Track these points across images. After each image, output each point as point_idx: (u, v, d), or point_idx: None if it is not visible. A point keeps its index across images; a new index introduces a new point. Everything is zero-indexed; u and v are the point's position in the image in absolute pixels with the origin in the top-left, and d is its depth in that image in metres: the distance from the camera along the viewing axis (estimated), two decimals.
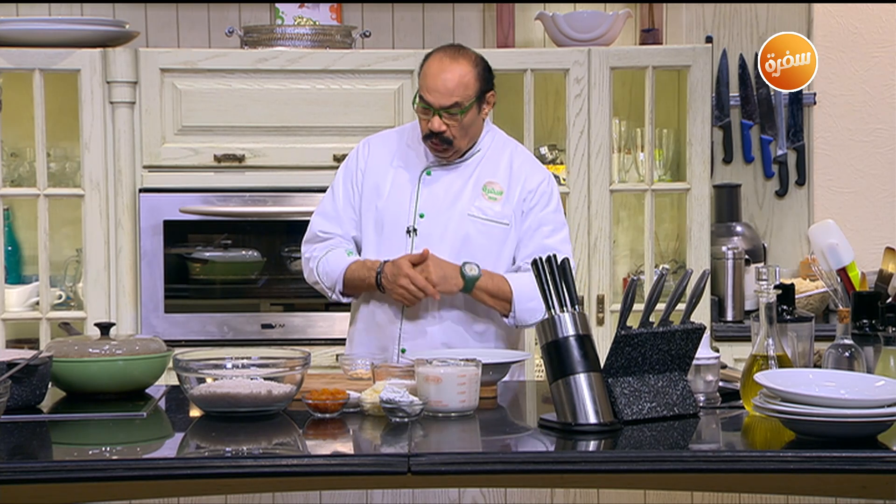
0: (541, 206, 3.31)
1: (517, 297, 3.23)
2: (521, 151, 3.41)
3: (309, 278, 3.39)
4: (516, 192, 3.30)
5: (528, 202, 3.30)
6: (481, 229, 3.27)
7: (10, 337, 4.28)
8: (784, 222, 4.75)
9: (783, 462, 2.39)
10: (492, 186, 3.30)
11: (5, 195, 4.25)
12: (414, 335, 3.27)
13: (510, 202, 3.29)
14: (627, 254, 4.66)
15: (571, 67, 4.31)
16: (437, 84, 3.19)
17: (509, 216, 3.29)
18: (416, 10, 4.65)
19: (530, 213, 3.30)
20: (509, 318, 3.26)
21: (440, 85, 3.18)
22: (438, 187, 3.30)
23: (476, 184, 3.30)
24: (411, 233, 3.28)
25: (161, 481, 2.37)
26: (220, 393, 2.68)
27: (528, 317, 3.24)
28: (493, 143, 3.35)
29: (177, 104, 4.23)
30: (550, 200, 3.33)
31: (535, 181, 3.32)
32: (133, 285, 4.24)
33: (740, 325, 4.42)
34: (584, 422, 2.55)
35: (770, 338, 2.70)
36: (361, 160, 3.37)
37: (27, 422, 2.66)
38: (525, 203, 3.30)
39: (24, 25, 4.22)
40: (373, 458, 2.43)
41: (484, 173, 3.31)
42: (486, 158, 3.32)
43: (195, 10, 4.59)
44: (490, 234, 3.28)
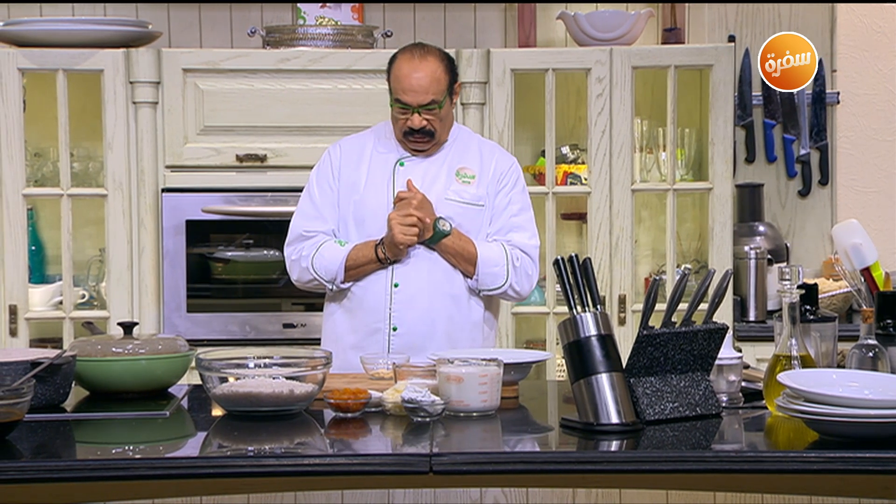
0: (509, 186, 3.48)
1: (481, 261, 3.39)
2: (486, 140, 3.61)
3: (301, 277, 3.45)
4: (488, 173, 3.46)
5: (500, 183, 3.47)
6: (459, 212, 3.41)
7: (33, 336, 4.30)
8: (807, 222, 4.73)
9: (806, 462, 2.38)
10: (464, 171, 3.45)
11: (29, 195, 4.27)
12: (404, 311, 3.37)
13: (483, 184, 3.45)
14: (649, 253, 4.65)
15: (593, 67, 4.31)
16: (411, 84, 3.33)
17: (483, 197, 3.45)
18: (438, 9, 4.65)
19: (500, 193, 3.46)
20: (472, 279, 3.40)
21: (415, 84, 3.33)
22: (413, 174, 3.42)
23: (449, 170, 3.44)
24: None
25: (184, 480, 2.38)
26: (243, 392, 2.69)
27: (490, 281, 3.40)
28: (459, 132, 3.53)
29: (199, 104, 4.24)
30: (518, 182, 3.50)
31: (506, 164, 3.50)
32: (155, 285, 4.25)
33: (762, 325, 4.40)
34: (605, 422, 2.54)
35: (793, 338, 2.69)
36: (335, 160, 3.49)
37: (51, 421, 2.68)
38: (498, 184, 3.46)
39: (47, 26, 4.24)
40: (394, 458, 2.43)
41: (455, 160, 3.46)
42: (455, 146, 3.48)
43: (217, 10, 4.61)
44: (468, 216, 3.42)
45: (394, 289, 3.38)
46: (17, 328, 4.24)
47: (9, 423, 2.44)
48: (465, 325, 3.42)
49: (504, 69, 4.29)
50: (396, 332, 3.38)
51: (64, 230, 4.27)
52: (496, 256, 3.40)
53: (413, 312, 3.37)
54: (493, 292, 3.43)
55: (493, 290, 3.42)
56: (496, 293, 3.43)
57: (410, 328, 3.37)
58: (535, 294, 4.47)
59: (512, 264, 3.40)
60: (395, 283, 3.38)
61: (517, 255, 3.41)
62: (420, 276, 3.38)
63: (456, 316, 3.41)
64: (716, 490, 2.94)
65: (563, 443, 2.59)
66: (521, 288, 3.43)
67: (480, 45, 4.62)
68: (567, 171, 4.45)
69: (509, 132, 4.31)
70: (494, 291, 3.42)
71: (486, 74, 4.29)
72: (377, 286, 3.39)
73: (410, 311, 3.38)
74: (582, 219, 4.50)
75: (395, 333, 3.38)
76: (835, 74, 4.69)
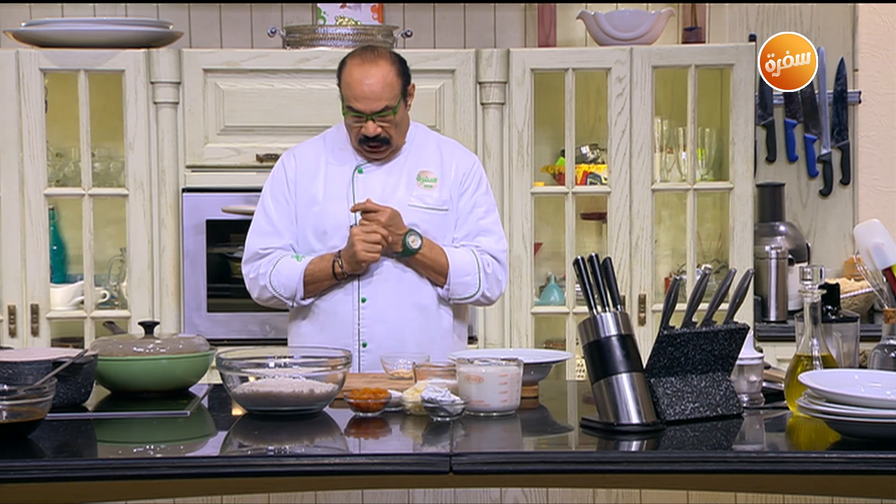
0: (473, 187, 3.40)
1: (453, 271, 3.31)
2: (446, 139, 3.52)
3: (261, 296, 3.38)
4: (450, 175, 3.38)
5: (462, 185, 3.38)
6: (424, 218, 3.33)
7: (55, 335, 4.32)
8: (828, 222, 4.71)
9: (828, 463, 2.37)
10: (425, 175, 3.36)
11: (50, 195, 4.28)
12: (373, 326, 3.30)
13: (446, 187, 3.37)
14: (669, 253, 4.64)
15: (613, 66, 4.30)
16: (364, 91, 3.24)
17: (447, 201, 3.37)
18: (458, 9, 4.65)
19: (464, 195, 3.38)
20: (443, 289, 3.34)
21: (367, 91, 3.23)
22: (373, 183, 3.33)
23: (410, 175, 3.36)
24: None
25: (204, 480, 2.39)
26: (263, 392, 2.69)
27: (462, 290, 3.34)
28: (417, 134, 3.42)
29: (219, 104, 4.25)
30: (481, 183, 3.42)
31: (468, 165, 3.41)
32: (176, 284, 4.27)
33: (783, 326, 4.39)
34: (626, 422, 2.54)
35: (815, 338, 2.68)
36: (290, 171, 3.39)
37: (72, 420, 2.69)
38: (461, 186, 3.38)
39: (68, 26, 4.26)
40: (414, 458, 2.43)
41: (415, 164, 3.37)
42: (414, 150, 3.39)
43: (238, 10, 4.62)
44: (433, 222, 3.34)
45: (361, 304, 3.31)
46: (38, 328, 4.26)
47: (31, 422, 2.45)
48: (435, 336, 3.34)
49: (524, 69, 4.29)
50: (366, 348, 3.31)
51: (85, 230, 4.28)
52: (467, 265, 3.33)
53: (382, 327, 3.30)
54: (465, 300, 3.37)
55: (465, 298, 3.35)
56: (467, 301, 3.37)
57: (380, 343, 3.28)
58: (555, 294, 4.47)
59: (483, 271, 3.34)
60: (362, 299, 3.31)
61: (487, 261, 3.35)
62: (388, 290, 3.30)
63: (426, 327, 3.34)
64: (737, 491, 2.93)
65: (584, 443, 2.58)
66: (491, 294, 3.37)
67: (500, 44, 4.62)
68: (587, 170, 4.44)
69: (529, 132, 4.30)
70: (466, 300, 3.36)
71: (505, 74, 4.29)
72: (344, 303, 3.31)
73: (379, 326, 3.30)
74: (602, 219, 4.49)
75: (365, 350, 3.31)
76: (856, 74, 4.67)
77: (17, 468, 2.31)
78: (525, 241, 4.32)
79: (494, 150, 4.29)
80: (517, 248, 4.31)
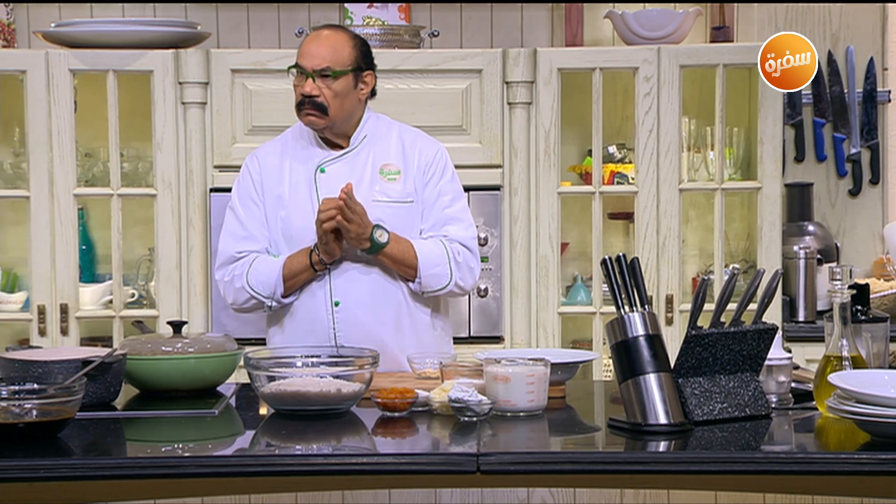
0: (437, 176, 3.35)
1: (422, 264, 3.27)
2: (409, 129, 3.44)
3: (237, 299, 3.35)
4: (413, 166, 3.34)
5: (426, 174, 3.34)
6: (389, 212, 3.28)
7: (84, 335, 4.35)
8: (857, 221, 4.68)
9: (857, 464, 2.36)
10: (388, 168, 3.33)
11: (80, 195, 4.31)
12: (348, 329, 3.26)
13: (409, 178, 3.33)
14: (696, 253, 4.62)
15: (641, 66, 4.29)
16: (310, 49, 3.26)
17: (412, 193, 3.33)
18: (485, 9, 4.65)
19: (428, 185, 3.34)
20: (414, 283, 3.29)
21: (313, 49, 3.25)
22: (336, 181, 3.28)
23: (373, 169, 3.32)
24: None
25: (232, 478, 2.39)
26: (290, 391, 2.70)
27: (434, 283, 3.29)
28: (377, 126, 3.38)
29: (247, 104, 4.26)
30: (446, 170, 3.37)
31: (430, 153, 3.36)
32: (204, 284, 4.28)
33: (812, 326, 4.37)
34: (653, 422, 2.53)
35: (844, 338, 2.67)
36: (255, 174, 3.37)
37: (102, 419, 2.70)
38: (424, 175, 3.34)
39: (97, 27, 4.28)
40: (442, 457, 2.43)
41: (377, 157, 3.34)
42: (374, 142, 3.35)
43: (265, 10, 4.63)
44: (399, 215, 3.30)
45: (335, 308, 3.27)
46: (67, 327, 4.28)
47: (60, 420, 2.47)
48: (412, 332, 3.31)
49: (551, 68, 4.28)
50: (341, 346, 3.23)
51: (114, 230, 4.30)
52: (437, 256, 3.27)
53: (357, 329, 3.26)
54: (438, 292, 3.31)
55: (438, 290, 3.30)
56: (441, 293, 3.31)
57: (357, 345, 3.19)
58: (582, 294, 4.46)
59: (454, 260, 3.28)
60: (335, 302, 3.27)
61: (457, 250, 3.29)
62: (360, 291, 3.27)
63: (401, 325, 3.30)
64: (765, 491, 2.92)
65: (611, 443, 2.58)
66: (465, 283, 3.31)
67: (527, 44, 4.62)
68: (614, 170, 4.43)
69: (556, 132, 4.30)
70: (439, 292, 3.30)
71: (532, 74, 4.28)
72: (318, 308, 3.27)
73: (355, 329, 3.26)
74: (629, 218, 4.48)
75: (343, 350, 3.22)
76: (886, 73, 4.64)
77: (47, 466, 2.33)
78: (552, 241, 4.31)
79: (521, 150, 4.28)
80: (544, 248, 4.30)
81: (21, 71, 4.24)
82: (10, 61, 4.27)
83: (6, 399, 2.45)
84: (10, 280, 4.48)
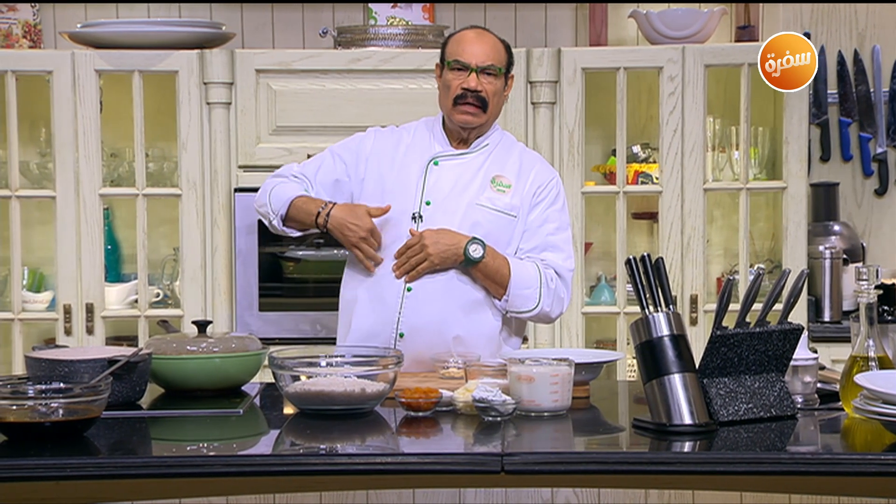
0: (548, 202, 3.32)
1: (513, 283, 3.22)
2: (531, 152, 3.43)
3: (258, 200, 3.36)
4: (526, 185, 3.30)
5: (537, 196, 3.31)
6: (489, 218, 3.26)
7: (109, 334, 4.37)
8: (883, 221, 4.66)
9: (884, 465, 2.34)
10: (500, 180, 3.30)
11: (105, 195, 4.33)
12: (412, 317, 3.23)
13: (518, 195, 3.30)
14: (721, 253, 4.61)
15: (665, 65, 4.28)
16: (474, 48, 3.24)
17: (517, 208, 3.29)
18: (509, 9, 4.65)
19: (537, 208, 3.31)
20: (501, 301, 3.25)
21: (477, 48, 3.24)
22: (446, 177, 3.28)
23: (485, 176, 3.30)
24: (417, 219, 3.26)
25: (257, 478, 2.40)
26: (315, 391, 2.70)
27: (521, 303, 3.24)
28: (502, 140, 3.37)
29: (271, 104, 4.27)
30: (557, 198, 3.33)
31: (545, 177, 3.33)
32: (228, 284, 4.30)
33: (838, 326, 4.35)
34: (678, 422, 2.52)
35: (870, 339, 2.65)
36: (367, 147, 3.36)
37: (127, 418, 2.71)
38: (535, 197, 3.30)
39: (123, 28, 4.30)
40: (466, 457, 2.43)
41: (492, 167, 3.31)
42: (494, 153, 3.33)
43: (290, 10, 4.64)
44: (498, 224, 3.26)
45: (406, 293, 3.24)
46: (93, 326, 4.30)
47: (87, 419, 2.48)
48: (478, 340, 3.24)
49: (575, 68, 4.28)
50: (402, 338, 3.23)
51: (139, 229, 4.32)
52: (529, 277, 3.22)
53: (422, 320, 3.21)
54: (523, 314, 3.25)
55: (523, 312, 3.24)
56: (525, 315, 3.26)
57: (418, 336, 3.21)
58: (606, 294, 4.45)
59: (546, 286, 3.23)
60: (408, 287, 3.24)
61: (551, 276, 3.24)
62: (436, 283, 3.22)
63: (469, 328, 3.24)
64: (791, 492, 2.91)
65: (635, 443, 2.57)
66: (551, 311, 3.25)
67: (551, 44, 4.61)
68: (638, 170, 4.42)
69: (580, 131, 4.29)
70: (524, 314, 3.25)
71: (556, 73, 4.28)
72: (391, 288, 3.23)
73: (419, 319, 3.22)
74: (653, 218, 4.47)
75: (401, 340, 3.23)
76: None
77: (74, 465, 2.34)
78: (576, 241, 4.30)
79: (545, 150, 4.28)
80: None
81: (47, 71, 4.26)
82: (36, 62, 4.29)
83: (33, 398, 2.46)
84: (37, 280, 4.50)
